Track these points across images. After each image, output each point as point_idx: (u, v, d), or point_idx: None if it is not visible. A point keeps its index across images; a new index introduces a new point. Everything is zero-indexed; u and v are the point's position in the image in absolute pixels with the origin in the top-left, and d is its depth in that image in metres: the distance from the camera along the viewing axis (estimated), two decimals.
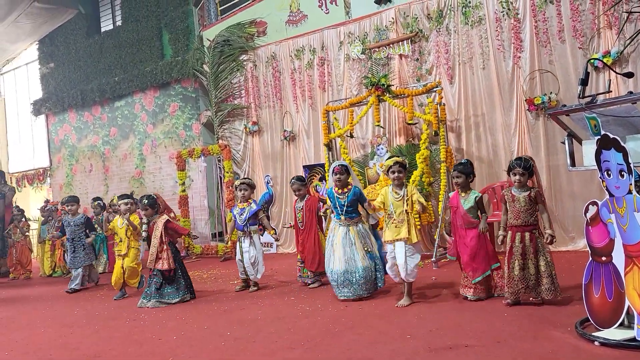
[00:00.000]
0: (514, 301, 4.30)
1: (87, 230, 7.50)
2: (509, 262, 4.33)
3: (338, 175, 5.27)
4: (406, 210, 4.80)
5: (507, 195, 4.41)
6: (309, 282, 6.04)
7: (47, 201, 10.55)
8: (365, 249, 5.20)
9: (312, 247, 5.98)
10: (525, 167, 4.30)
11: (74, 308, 6.07)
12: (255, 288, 6.15)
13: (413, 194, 4.84)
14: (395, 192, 4.89)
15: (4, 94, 17.37)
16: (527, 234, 4.29)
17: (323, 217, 6.05)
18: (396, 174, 4.87)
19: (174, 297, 5.76)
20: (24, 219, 9.67)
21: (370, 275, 5.14)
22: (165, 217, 5.90)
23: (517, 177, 4.32)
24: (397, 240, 4.80)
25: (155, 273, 5.77)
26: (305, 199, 6.08)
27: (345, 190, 5.28)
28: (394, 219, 4.83)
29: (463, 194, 4.74)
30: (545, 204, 4.45)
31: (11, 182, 16.28)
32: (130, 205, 6.30)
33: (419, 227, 4.96)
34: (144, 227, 5.91)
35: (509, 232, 4.39)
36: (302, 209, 6.05)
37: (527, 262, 4.27)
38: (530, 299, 4.31)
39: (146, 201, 5.90)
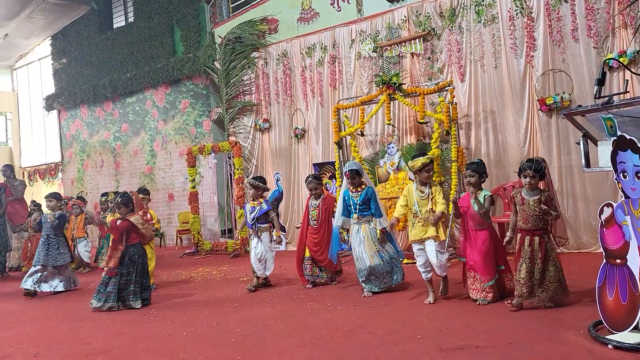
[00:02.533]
0: (516, 305, 4.18)
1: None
2: (516, 264, 4.26)
3: (349, 180, 5.49)
4: (432, 209, 4.84)
5: (516, 197, 4.29)
6: (323, 281, 6.06)
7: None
8: (376, 249, 5.33)
9: (326, 248, 5.92)
10: (536, 169, 4.16)
11: (84, 302, 6.09)
12: (265, 286, 6.16)
13: (437, 193, 4.89)
14: (421, 191, 4.92)
15: (17, 89, 17.52)
16: (536, 238, 4.17)
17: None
18: (430, 173, 4.96)
19: (135, 300, 5.63)
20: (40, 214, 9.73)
21: (379, 272, 5.33)
22: (135, 217, 5.77)
23: (528, 179, 4.19)
24: (426, 239, 4.84)
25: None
26: (322, 197, 6.05)
27: (359, 189, 5.45)
28: (420, 218, 4.86)
29: (474, 194, 4.66)
30: (557, 208, 4.32)
31: (23, 176, 16.43)
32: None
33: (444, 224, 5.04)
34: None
35: (519, 234, 4.29)
36: (317, 206, 5.99)
37: (534, 266, 4.15)
38: (535, 303, 4.18)
39: (119, 199, 5.82)
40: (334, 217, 5.96)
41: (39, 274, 6.87)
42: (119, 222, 5.71)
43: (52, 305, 6.11)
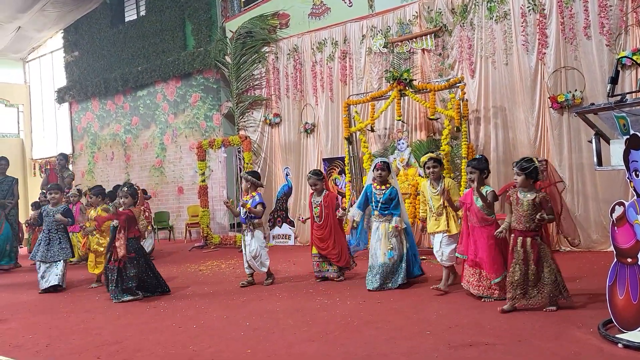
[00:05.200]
0: (510, 307, 4.11)
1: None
2: (509, 266, 4.20)
3: (380, 172, 5.41)
4: (443, 204, 5.03)
5: (512, 197, 4.25)
6: (332, 275, 5.96)
7: (68, 188, 10.67)
8: (389, 247, 5.31)
9: (335, 243, 5.90)
10: (521, 168, 4.14)
11: (95, 294, 6.16)
12: (270, 280, 6.07)
13: (450, 188, 5.02)
14: (433, 187, 5.15)
15: (29, 81, 17.64)
16: (528, 240, 4.10)
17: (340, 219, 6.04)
18: (431, 170, 5.14)
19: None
20: None
21: (387, 271, 5.32)
22: (136, 210, 5.87)
23: (516, 177, 4.23)
24: (437, 232, 5.12)
25: (112, 267, 5.62)
26: (324, 194, 5.96)
27: (384, 187, 5.42)
28: (434, 212, 5.14)
29: (476, 191, 4.64)
30: (552, 210, 4.23)
31: (34, 168, 16.58)
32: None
33: (458, 218, 5.08)
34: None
35: (512, 235, 4.23)
36: (319, 204, 5.94)
37: (528, 268, 4.09)
38: (530, 305, 4.11)
39: (128, 190, 5.83)
40: (338, 212, 5.93)
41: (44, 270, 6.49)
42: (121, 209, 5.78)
43: (63, 296, 6.18)
